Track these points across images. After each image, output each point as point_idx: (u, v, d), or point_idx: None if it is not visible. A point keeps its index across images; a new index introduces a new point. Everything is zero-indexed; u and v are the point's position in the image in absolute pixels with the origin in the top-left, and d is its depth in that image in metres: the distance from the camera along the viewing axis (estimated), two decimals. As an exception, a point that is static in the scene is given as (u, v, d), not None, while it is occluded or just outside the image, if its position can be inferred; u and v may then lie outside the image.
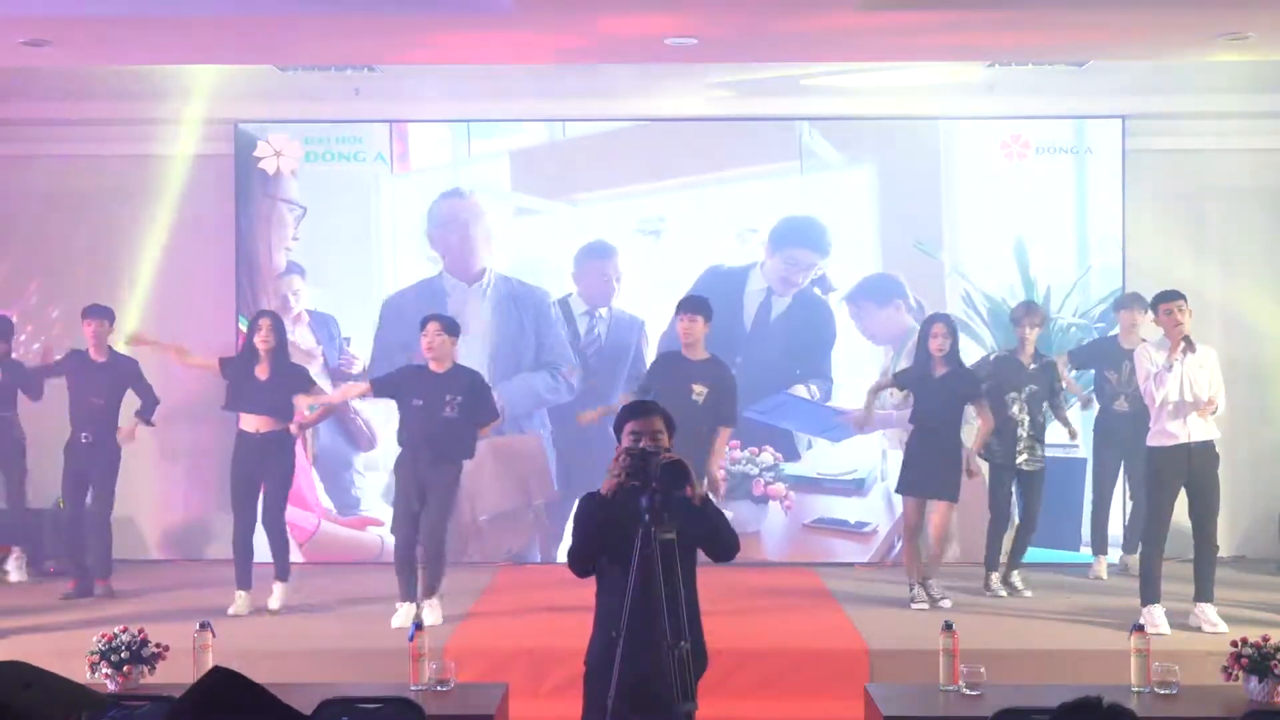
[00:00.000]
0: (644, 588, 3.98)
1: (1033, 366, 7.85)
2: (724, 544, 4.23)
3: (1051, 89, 8.78)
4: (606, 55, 7.85)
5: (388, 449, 8.25)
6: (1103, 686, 5.03)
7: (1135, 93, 8.87)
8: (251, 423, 7.52)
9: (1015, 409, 7.81)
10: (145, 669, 5.08)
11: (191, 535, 8.33)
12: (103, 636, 5.09)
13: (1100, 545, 8.40)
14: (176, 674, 5.04)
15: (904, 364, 8.31)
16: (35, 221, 9.11)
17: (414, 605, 7.05)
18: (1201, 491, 6.94)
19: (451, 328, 7.30)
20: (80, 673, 4.97)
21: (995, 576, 7.92)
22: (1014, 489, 7.92)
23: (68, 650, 5.64)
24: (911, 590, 7.55)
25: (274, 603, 7.44)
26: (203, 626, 5.11)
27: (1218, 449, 6.95)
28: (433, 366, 7.25)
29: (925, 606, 7.43)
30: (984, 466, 7.82)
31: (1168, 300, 6.88)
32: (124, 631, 5.10)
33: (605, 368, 9.07)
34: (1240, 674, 4.94)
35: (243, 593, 7.43)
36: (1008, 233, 9.03)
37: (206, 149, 9.22)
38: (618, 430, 4.30)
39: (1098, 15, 6.75)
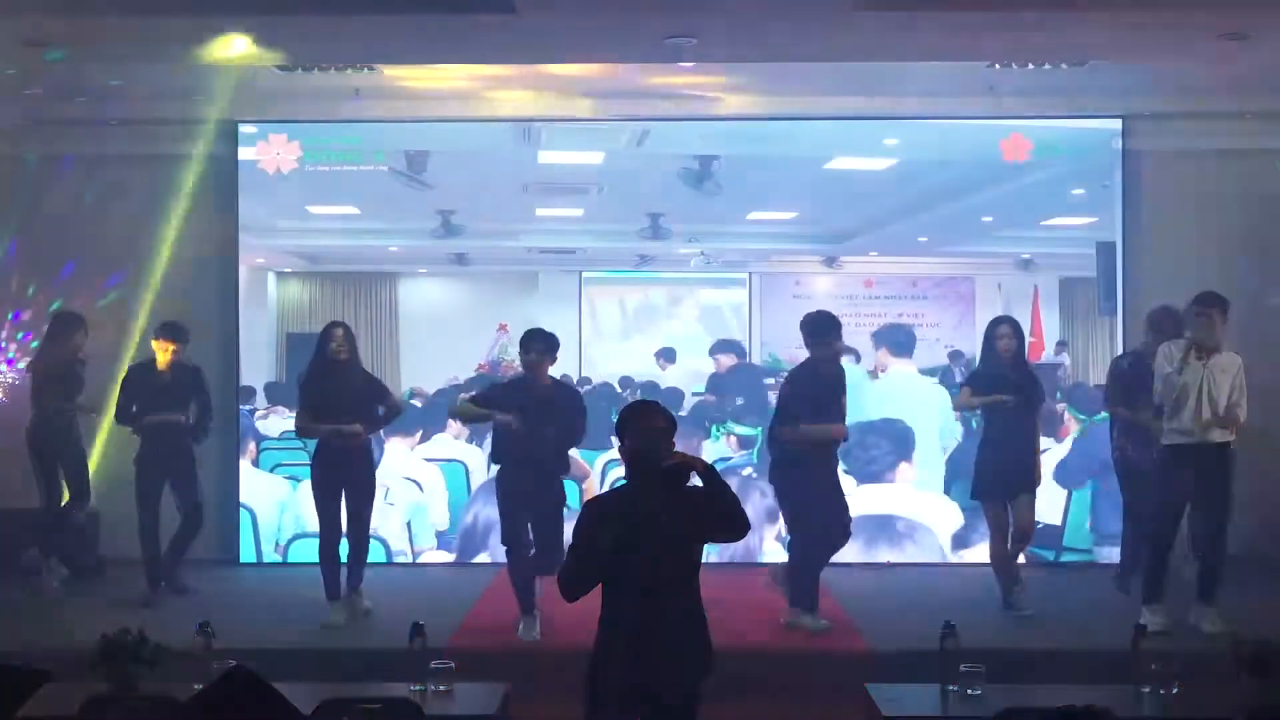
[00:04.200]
0: (646, 589, 3.98)
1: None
2: (732, 522, 4.23)
3: (1051, 89, 8.78)
4: (606, 55, 7.85)
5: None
6: (1103, 686, 5.07)
7: (1135, 93, 8.87)
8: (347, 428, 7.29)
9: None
10: (145, 669, 5.06)
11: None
12: (102, 636, 5.07)
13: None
14: (176, 674, 5.04)
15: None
16: (34, 221, 9.10)
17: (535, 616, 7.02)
18: (1213, 493, 6.93)
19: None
20: (80, 673, 4.98)
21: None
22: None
23: (67, 650, 5.63)
24: (1009, 595, 7.43)
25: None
26: (203, 626, 5.11)
27: (1231, 450, 6.92)
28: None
29: (1028, 611, 7.35)
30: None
31: (1198, 305, 6.83)
32: (124, 632, 5.08)
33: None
34: (1241, 674, 4.92)
35: (335, 602, 7.30)
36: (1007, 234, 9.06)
37: (206, 149, 9.23)
38: (621, 432, 4.30)
39: (1098, 15, 6.75)
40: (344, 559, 7.35)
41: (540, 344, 7.04)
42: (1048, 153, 9.09)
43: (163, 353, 7.82)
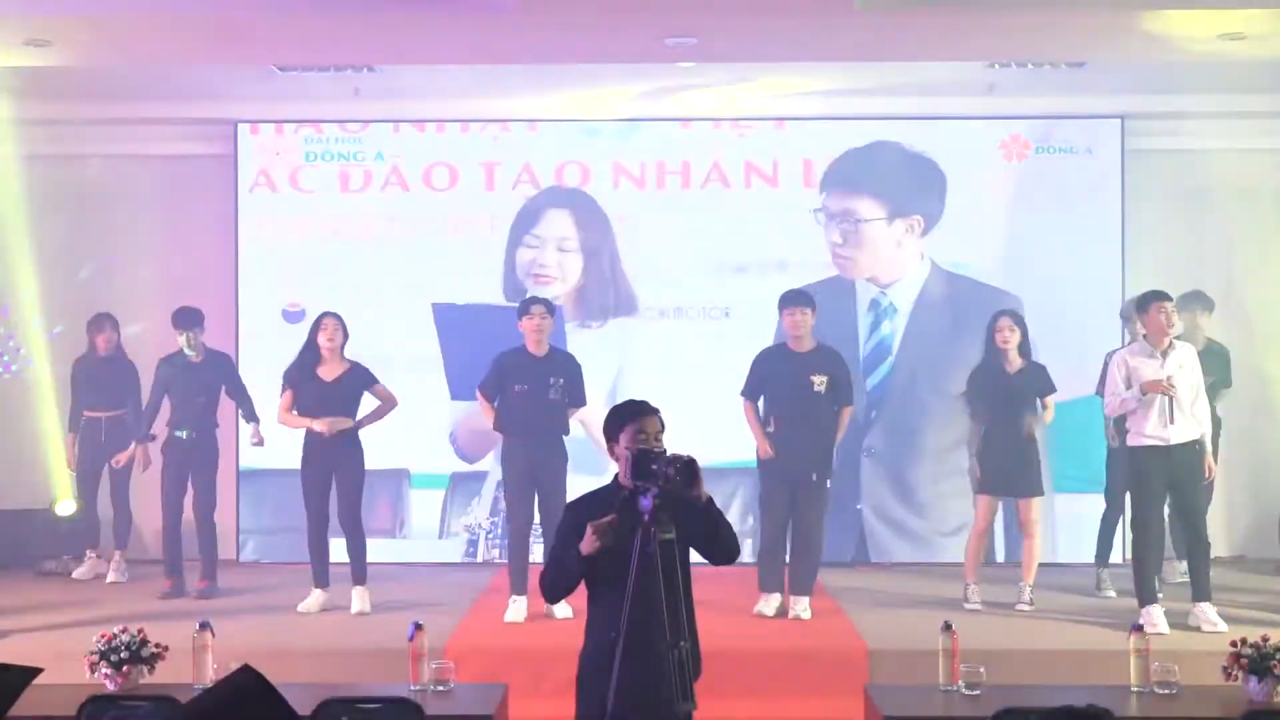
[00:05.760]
0: (642, 588, 3.96)
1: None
2: (724, 546, 4.21)
3: (1051, 89, 8.78)
4: (606, 55, 7.86)
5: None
6: (1103, 686, 5.07)
7: (1135, 93, 8.87)
8: (319, 423, 7.39)
9: None
10: (145, 669, 5.07)
11: (192, 535, 8.29)
12: (102, 636, 5.08)
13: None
14: (176, 674, 5.05)
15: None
16: (34, 221, 9.09)
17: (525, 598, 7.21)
18: (1187, 491, 6.91)
19: (552, 309, 7.49)
20: (80, 673, 4.98)
21: (1106, 574, 7.82)
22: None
23: (67, 650, 5.64)
24: (966, 590, 7.48)
25: (356, 606, 7.37)
26: (203, 626, 5.11)
27: (1199, 447, 6.87)
28: (534, 350, 7.32)
29: (979, 608, 7.39)
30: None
31: (1159, 300, 6.86)
32: (124, 631, 5.09)
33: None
34: (1240, 674, 4.93)
35: (319, 591, 7.47)
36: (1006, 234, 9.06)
37: (206, 149, 9.23)
38: (615, 432, 4.27)
39: (1097, 15, 6.76)
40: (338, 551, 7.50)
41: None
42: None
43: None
